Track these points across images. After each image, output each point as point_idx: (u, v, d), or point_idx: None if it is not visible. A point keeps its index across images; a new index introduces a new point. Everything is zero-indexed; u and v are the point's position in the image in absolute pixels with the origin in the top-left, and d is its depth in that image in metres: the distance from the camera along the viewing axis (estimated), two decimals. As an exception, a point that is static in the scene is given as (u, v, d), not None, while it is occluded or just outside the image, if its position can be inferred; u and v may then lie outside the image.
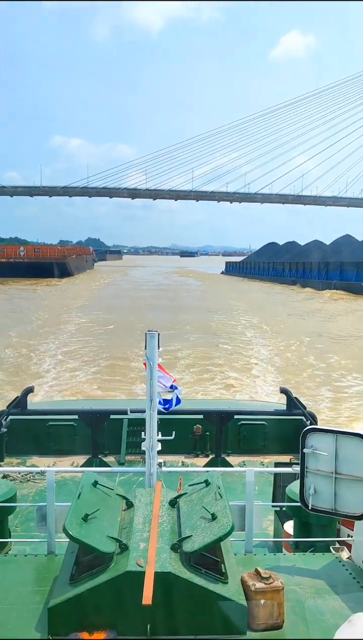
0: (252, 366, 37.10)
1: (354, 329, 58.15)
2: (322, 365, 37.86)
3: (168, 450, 8.35)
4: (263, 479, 10.93)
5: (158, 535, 5.57)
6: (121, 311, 68.82)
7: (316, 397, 28.98)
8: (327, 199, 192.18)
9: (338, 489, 6.27)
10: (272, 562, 6.72)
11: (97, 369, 34.99)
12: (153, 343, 7.13)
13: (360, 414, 24.37)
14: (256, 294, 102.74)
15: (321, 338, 50.41)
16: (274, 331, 55.37)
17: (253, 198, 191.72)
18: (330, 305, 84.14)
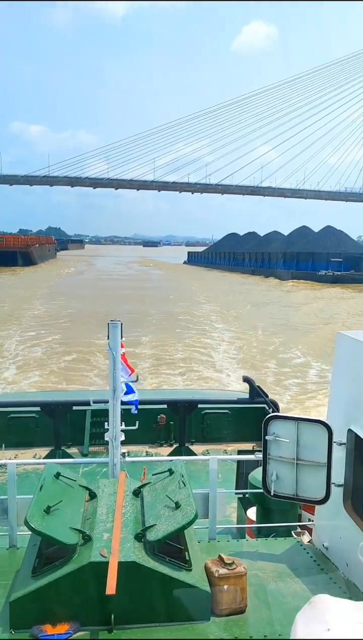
0: (215, 355, 37.23)
1: (311, 316, 59.24)
2: (283, 354, 38.24)
3: (132, 440, 8.25)
4: (227, 466, 10.96)
5: (121, 525, 5.51)
6: (84, 300, 68.52)
7: (279, 385, 29.27)
8: (286, 191, 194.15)
9: (299, 474, 6.31)
10: (235, 548, 6.75)
11: (59, 360, 34.54)
12: (115, 333, 7.02)
13: (321, 400, 24.69)
14: (216, 283, 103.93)
15: (279, 326, 51.12)
16: (234, 319, 55.88)
17: (214, 189, 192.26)
18: (286, 294, 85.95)
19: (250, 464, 9.35)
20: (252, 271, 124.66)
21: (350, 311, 62.95)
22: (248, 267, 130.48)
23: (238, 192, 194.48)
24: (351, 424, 6.10)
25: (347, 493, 6.23)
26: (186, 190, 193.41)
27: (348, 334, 6.40)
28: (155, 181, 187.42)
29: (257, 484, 7.44)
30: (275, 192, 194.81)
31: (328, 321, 54.57)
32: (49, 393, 19.71)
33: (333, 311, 63.38)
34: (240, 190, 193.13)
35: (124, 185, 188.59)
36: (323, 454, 6.08)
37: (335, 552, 6.46)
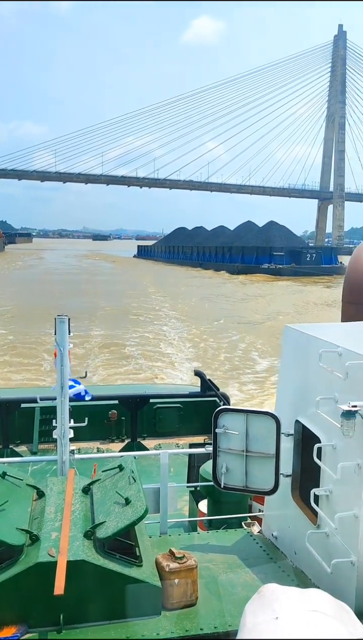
0: (167, 349, 37.09)
1: (258, 309, 60.15)
2: (233, 347, 38.33)
3: (82, 437, 8.04)
4: (178, 460, 10.90)
5: (70, 524, 5.34)
6: (33, 294, 67.22)
7: (230, 378, 29.32)
8: (232, 186, 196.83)
9: (249, 466, 6.30)
10: (186, 541, 6.69)
11: (6, 356, 33.50)
12: (62, 328, 6.77)
13: (270, 391, 24.91)
14: (165, 276, 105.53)
15: (229, 317, 51.53)
16: (185, 311, 55.98)
17: (162, 184, 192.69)
18: (234, 286, 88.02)
19: (201, 457, 9.29)
20: (200, 264, 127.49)
21: (296, 303, 64.25)
22: (196, 261, 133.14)
23: (185, 187, 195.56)
24: (298, 415, 6.11)
25: (294, 483, 6.26)
26: (135, 184, 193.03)
27: (295, 327, 6.38)
28: (104, 175, 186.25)
29: (208, 476, 7.40)
30: (221, 188, 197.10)
31: (276, 313, 55.57)
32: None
33: (279, 303, 64.82)
34: (187, 185, 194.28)
35: (73, 179, 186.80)
36: (272, 445, 6.08)
37: (284, 541, 6.49)
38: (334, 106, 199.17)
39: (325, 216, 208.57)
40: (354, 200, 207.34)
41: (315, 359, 5.51)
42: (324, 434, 5.51)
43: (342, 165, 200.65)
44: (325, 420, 5.30)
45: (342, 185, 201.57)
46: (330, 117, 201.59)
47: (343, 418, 4.80)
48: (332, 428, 5.20)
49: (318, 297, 72.44)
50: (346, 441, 5.00)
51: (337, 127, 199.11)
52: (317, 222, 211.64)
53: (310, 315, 55.60)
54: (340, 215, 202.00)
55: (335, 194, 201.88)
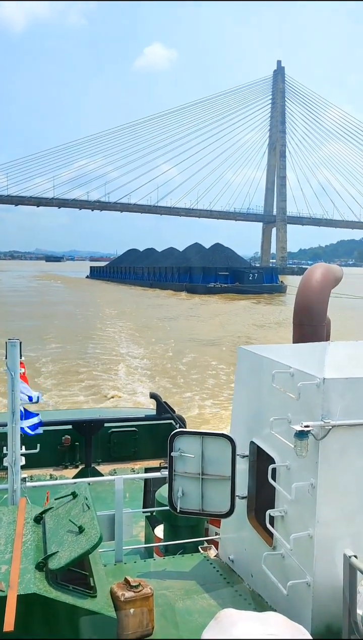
0: (121, 370, 36.13)
1: (209, 326, 60.41)
2: (187, 367, 37.58)
3: (35, 463, 7.59)
4: (134, 485, 10.45)
5: (21, 555, 4.94)
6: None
7: (187, 399, 28.68)
8: (181, 210, 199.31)
9: (204, 489, 6.06)
10: (142, 568, 6.38)
11: None
12: (14, 352, 6.42)
13: (227, 412, 24.49)
14: (116, 295, 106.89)
15: (180, 336, 50.95)
16: (138, 330, 55.43)
17: (113, 207, 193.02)
18: (181, 304, 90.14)
19: (157, 481, 8.87)
20: (150, 284, 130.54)
21: (244, 322, 64.89)
22: (146, 281, 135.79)
23: (136, 211, 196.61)
24: (253, 436, 5.95)
25: (250, 505, 6.07)
26: (86, 207, 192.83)
27: (248, 348, 6.26)
28: (55, 198, 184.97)
29: (164, 501, 7.07)
30: (171, 211, 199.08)
31: (224, 329, 55.85)
32: None
33: (230, 320, 65.53)
34: (138, 209, 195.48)
35: (24, 202, 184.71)
36: (228, 467, 5.88)
37: (241, 564, 6.27)
38: (275, 135, 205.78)
39: (269, 238, 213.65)
40: (295, 223, 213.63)
41: (268, 380, 5.38)
42: (278, 454, 5.37)
43: (283, 190, 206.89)
44: (279, 440, 5.17)
45: (284, 209, 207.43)
46: (272, 145, 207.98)
47: (296, 438, 4.69)
48: (285, 448, 5.07)
49: (242, 308, 74.38)
50: (299, 461, 4.88)
51: (278, 154, 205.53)
52: (262, 244, 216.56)
53: (234, 327, 56.23)
54: (283, 237, 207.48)
55: (278, 217, 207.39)
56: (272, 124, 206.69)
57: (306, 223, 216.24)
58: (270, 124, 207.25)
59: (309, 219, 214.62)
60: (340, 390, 4.76)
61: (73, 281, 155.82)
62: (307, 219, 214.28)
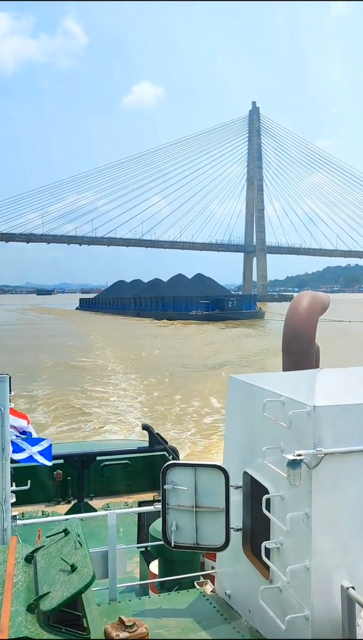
0: (112, 401, 35.17)
1: (197, 351, 60.61)
2: (179, 396, 36.63)
3: (26, 500, 7.20)
4: (128, 519, 9.94)
5: (12, 597, 4.56)
6: None
7: (180, 429, 27.78)
8: (165, 243, 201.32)
9: (199, 522, 5.73)
10: (137, 607, 5.99)
11: None
12: (3, 387, 6.11)
13: (219, 442, 23.60)
14: (104, 325, 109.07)
15: (171, 365, 50.33)
16: (126, 359, 54.91)
17: (100, 241, 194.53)
18: (165, 331, 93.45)
19: (151, 515, 8.41)
20: (137, 314, 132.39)
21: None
22: (133, 310, 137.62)
23: (122, 244, 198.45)
24: (246, 467, 5.68)
25: (245, 537, 5.75)
26: (74, 242, 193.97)
27: (239, 377, 6.04)
28: (44, 234, 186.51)
29: (158, 535, 6.71)
30: (155, 244, 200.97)
31: (212, 352, 55.86)
32: None
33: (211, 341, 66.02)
34: (123, 243, 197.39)
35: (14, 239, 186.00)
36: (221, 499, 5.57)
37: (237, 599, 5.91)
38: (252, 170, 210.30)
39: (250, 267, 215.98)
40: (275, 253, 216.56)
41: (259, 409, 5.17)
42: (272, 484, 5.12)
43: (262, 222, 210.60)
44: (272, 470, 4.93)
45: (263, 239, 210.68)
46: (249, 180, 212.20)
47: (289, 467, 4.47)
48: (279, 478, 4.84)
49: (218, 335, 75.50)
50: (293, 491, 4.64)
51: (256, 188, 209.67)
52: (244, 273, 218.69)
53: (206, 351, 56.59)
54: (263, 266, 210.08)
55: (258, 247, 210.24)
56: (249, 160, 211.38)
57: (285, 252, 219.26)
58: (248, 160, 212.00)
59: (287, 249, 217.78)
60: (331, 418, 4.58)
61: (63, 313, 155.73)
62: (286, 248, 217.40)
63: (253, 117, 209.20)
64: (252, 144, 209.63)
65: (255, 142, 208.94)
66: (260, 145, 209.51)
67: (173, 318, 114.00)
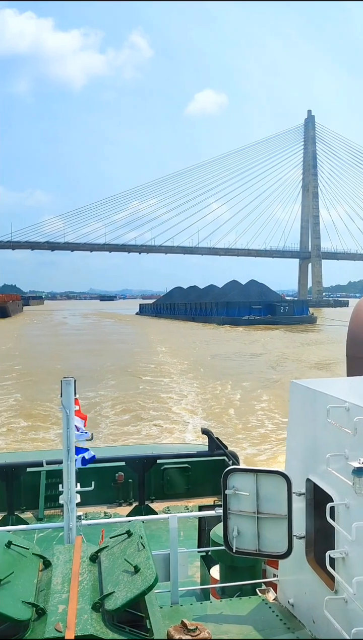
0: (173, 405, 34.62)
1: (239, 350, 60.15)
2: (238, 400, 35.70)
3: (89, 501, 7.16)
4: (189, 523, 9.72)
5: (78, 595, 4.53)
6: (44, 347, 68.32)
7: (238, 435, 27.05)
8: (220, 250, 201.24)
9: (260, 528, 5.47)
10: (199, 611, 5.80)
11: (14, 416, 31.01)
12: (68, 390, 6.09)
13: (281, 448, 22.78)
14: (160, 327, 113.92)
15: (229, 368, 49.53)
16: (183, 360, 54.98)
17: (158, 249, 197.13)
18: (220, 334, 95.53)
19: (211, 520, 8.16)
20: (192, 318, 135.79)
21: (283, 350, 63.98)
22: (189, 315, 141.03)
23: (179, 252, 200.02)
24: (309, 474, 5.40)
25: (309, 545, 5.45)
26: (133, 251, 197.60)
27: (301, 382, 5.77)
28: (106, 244, 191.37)
29: (219, 540, 6.44)
30: (211, 251, 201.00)
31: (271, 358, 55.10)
32: (0, 455, 17.38)
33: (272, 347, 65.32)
34: (180, 250, 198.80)
35: (79, 248, 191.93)
36: (284, 506, 5.30)
37: (301, 609, 5.61)
38: (308, 178, 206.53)
39: (305, 273, 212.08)
40: (330, 259, 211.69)
41: (323, 415, 4.90)
42: (336, 492, 4.83)
43: (317, 228, 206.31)
44: (337, 478, 4.64)
45: (318, 245, 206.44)
46: (305, 187, 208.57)
47: (354, 475, 4.18)
48: (343, 486, 4.55)
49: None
50: (359, 499, 4.34)
51: (311, 195, 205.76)
52: (299, 279, 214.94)
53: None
54: (318, 272, 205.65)
55: (313, 253, 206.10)
56: (305, 167, 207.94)
57: (340, 258, 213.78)
58: (303, 168, 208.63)
59: (343, 254, 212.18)
60: None
61: (122, 317, 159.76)
62: (342, 254, 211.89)
63: (309, 126, 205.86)
64: (307, 151, 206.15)
65: (310, 150, 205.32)
66: (315, 153, 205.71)
67: (226, 323, 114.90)
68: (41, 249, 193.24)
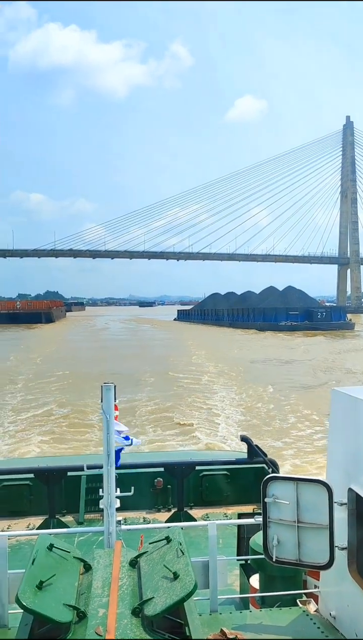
0: (211, 411, 33.81)
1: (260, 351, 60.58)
2: (277, 407, 34.65)
3: (129, 506, 7.12)
4: (227, 531, 9.46)
5: (117, 600, 4.50)
6: (86, 351, 69.90)
7: (277, 443, 26.23)
8: (257, 256, 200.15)
9: (301, 538, 5.30)
10: (238, 620, 5.65)
11: (57, 421, 30.84)
12: (109, 396, 6.07)
13: (321, 457, 21.77)
14: (198, 332, 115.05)
15: (268, 375, 48.33)
16: (220, 365, 54.64)
17: (195, 256, 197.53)
18: (257, 339, 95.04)
19: (251, 528, 7.96)
20: (230, 324, 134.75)
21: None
22: (226, 321, 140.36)
23: (216, 259, 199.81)
24: (351, 483, 5.20)
25: (351, 557, 5.24)
26: (172, 258, 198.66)
27: (343, 390, 5.58)
28: (146, 251, 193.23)
29: (258, 549, 6.26)
30: (248, 258, 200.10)
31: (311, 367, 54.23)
32: (42, 459, 17.24)
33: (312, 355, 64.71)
34: (218, 257, 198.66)
35: (119, 256, 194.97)
36: (325, 516, 5.11)
37: (343, 622, 5.40)
38: (346, 183, 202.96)
39: (345, 279, 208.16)
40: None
41: None
42: None
43: (356, 234, 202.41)
44: None
45: (357, 251, 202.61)
46: (343, 193, 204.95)
47: None
48: None
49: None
50: None
51: (350, 201, 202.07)
52: (338, 285, 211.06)
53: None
54: (357, 278, 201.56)
55: (352, 259, 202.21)
56: (343, 173, 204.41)
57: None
58: (341, 174, 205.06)
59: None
60: None
61: (160, 323, 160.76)
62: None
63: (347, 132, 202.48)
64: (346, 157, 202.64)
65: (349, 156, 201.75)
66: (353, 158, 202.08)
67: (263, 329, 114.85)
68: (83, 257, 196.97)
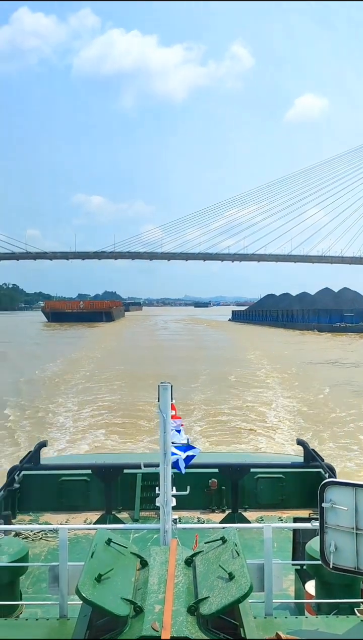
0: (266, 413, 32.88)
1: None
2: (335, 411, 33.30)
3: (183, 505, 7.14)
4: (282, 535, 9.30)
5: (173, 597, 4.49)
6: (144, 350, 70.68)
7: (335, 448, 25.23)
8: (313, 258, 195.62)
9: (360, 545, 5.13)
10: (294, 625, 5.51)
11: (112, 419, 30.87)
12: (165, 395, 6.06)
13: None
14: (252, 333, 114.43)
15: (325, 378, 46.89)
16: (276, 367, 53.58)
17: (250, 257, 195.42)
18: (312, 341, 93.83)
19: (307, 533, 7.75)
20: (284, 325, 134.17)
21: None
22: (280, 322, 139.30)
23: (271, 260, 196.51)
24: None
25: None
26: (227, 259, 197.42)
27: None
28: (201, 253, 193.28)
29: (315, 554, 6.13)
30: (303, 259, 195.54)
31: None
32: (100, 456, 17.52)
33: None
34: (272, 259, 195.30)
35: (175, 257, 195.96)
36: None
37: None
38: None
39: None
40: None
41: None
42: None
43: None
44: None
45: None
46: None
47: None
48: None
49: None
50: None
51: None
52: None
53: None
54: None
55: None
56: None
57: None
58: None
59: None
60: None
61: (214, 323, 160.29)
62: None
63: None
64: None
65: None
66: None
67: (317, 330, 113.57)
68: (141, 259, 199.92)
